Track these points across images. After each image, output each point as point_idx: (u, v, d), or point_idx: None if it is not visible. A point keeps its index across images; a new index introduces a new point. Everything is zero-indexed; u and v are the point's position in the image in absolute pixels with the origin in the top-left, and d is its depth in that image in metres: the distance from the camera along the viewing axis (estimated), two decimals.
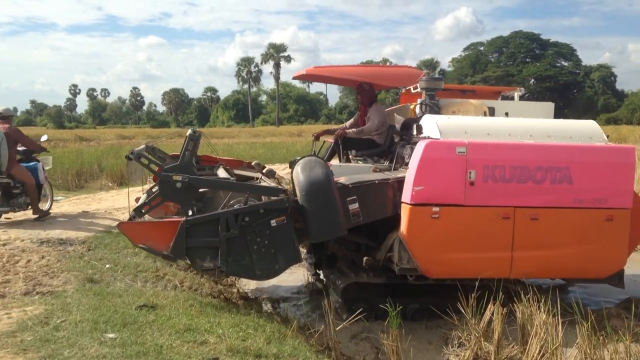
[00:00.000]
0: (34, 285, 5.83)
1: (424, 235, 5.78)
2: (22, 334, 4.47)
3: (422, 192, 5.70)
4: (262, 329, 4.99)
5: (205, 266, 5.80)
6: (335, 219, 5.85)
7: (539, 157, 5.87)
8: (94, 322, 4.69)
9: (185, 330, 4.67)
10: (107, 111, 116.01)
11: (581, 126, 6.42)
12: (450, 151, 5.74)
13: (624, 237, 6.05)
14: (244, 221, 5.74)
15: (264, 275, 5.99)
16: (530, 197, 5.85)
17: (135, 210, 6.11)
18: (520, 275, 6.11)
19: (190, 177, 5.90)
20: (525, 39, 71.00)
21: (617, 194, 5.99)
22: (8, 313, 5.00)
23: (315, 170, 5.96)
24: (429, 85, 6.96)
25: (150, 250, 5.85)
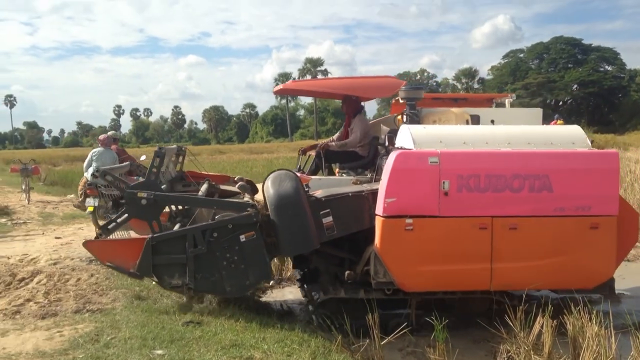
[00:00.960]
0: (84, 303, 5.99)
1: (398, 248, 5.62)
2: (74, 351, 4.60)
3: (394, 204, 5.55)
4: (307, 344, 4.99)
5: (174, 284, 5.75)
6: (306, 232, 5.76)
7: (516, 165, 5.65)
8: (143, 338, 4.79)
9: (231, 346, 4.72)
10: (149, 130, 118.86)
11: (564, 132, 6.19)
12: (422, 161, 5.57)
13: (610, 245, 5.75)
14: (212, 237, 5.70)
15: (234, 292, 5.89)
16: (508, 207, 5.61)
17: (102, 228, 6.09)
18: (501, 287, 5.86)
19: (156, 193, 5.88)
20: (566, 45, 69.54)
21: (601, 201, 5.70)
22: (60, 331, 5.16)
23: (284, 184, 5.89)
24: (409, 95, 6.78)
25: (117, 269, 5.84)
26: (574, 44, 69.69)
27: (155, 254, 5.66)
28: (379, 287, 5.82)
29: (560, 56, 69.20)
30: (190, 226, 5.87)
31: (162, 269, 5.72)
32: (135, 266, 5.66)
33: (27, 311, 5.84)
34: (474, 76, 74.90)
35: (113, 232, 6.06)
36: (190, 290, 5.78)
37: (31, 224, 12.24)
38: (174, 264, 5.70)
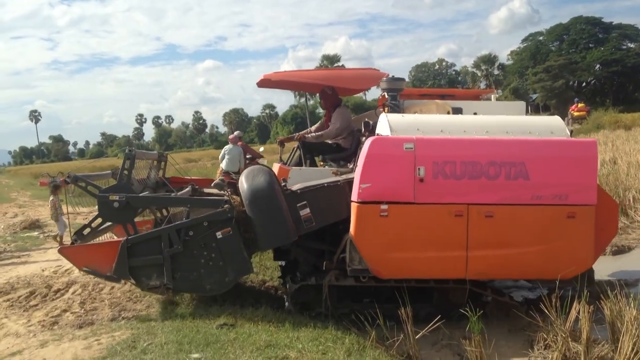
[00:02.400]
0: (119, 310, 6.08)
1: (372, 234, 5.60)
2: (112, 359, 4.67)
3: (369, 189, 5.53)
4: (341, 341, 5.00)
5: (152, 285, 5.78)
6: (282, 225, 5.77)
7: (492, 152, 5.58)
8: (179, 343, 4.84)
9: (265, 346, 4.75)
10: (172, 137, 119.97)
11: (542, 122, 6.14)
12: (397, 147, 5.55)
13: (588, 235, 5.63)
14: (188, 235, 5.73)
15: (214, 289, 5.91)
16: (484, 194, 5.55)
17: (76, 233, 6.13)
18: (477, 275, 5.79)
19: (128, 195, 5.89)
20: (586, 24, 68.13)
21: (579, 190, 5.59)
22: (98, 339, 5.24)
23: (258, 178, 5.91)
24: (390, 86, 6.74)
25: (94, 273, 5.87)
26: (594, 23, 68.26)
27: (131, 256, 5.72)
28: (354, 274, 5.83)
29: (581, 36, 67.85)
30: (165, 226, 5.89)
31: (139, 271, 5.77)
32: (111, 269, 5.72)
33: (64, 321, 5.95)
34: (494, 62, 73.76)
35: (88, 237, 6.13)
36: (169, 290, 5.85)
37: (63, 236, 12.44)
38: (151, 265, 5.75)
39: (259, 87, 7.41)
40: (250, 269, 6.05)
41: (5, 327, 5.98)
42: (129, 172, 6.10)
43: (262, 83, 7.31)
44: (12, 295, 7.02)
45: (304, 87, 8.21)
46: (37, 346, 5.27)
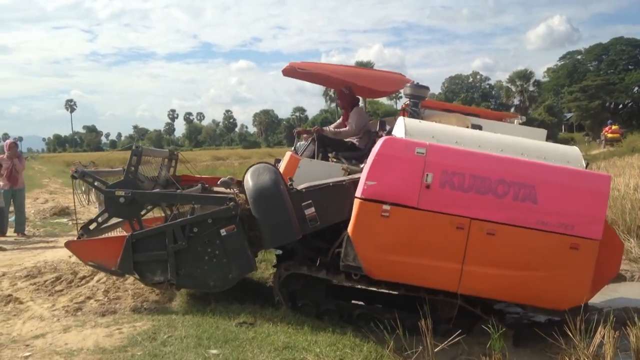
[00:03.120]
0: (142, 301, 6.16)
1: (371, 232, 5.53)
2: (133, 348, 4.73)
3: (374, 187, 5.47)
4: (359, 348, 4.99)
5: (156, 280, 5.83)
6: (287, 223, 5.78)
7: (503, 170, 5.48)
8: (198, 337, 4.88)
9: (283, 347, 4.76)
10: (202, 134, 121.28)
11: (560, 149, 6.00)
12: (409, 150, 5.48)
13: (588, 269, 5.46)
14: (193, 232, 5.77)
15: (217, 286, 5.94)
16: (489, 211, 5.44)
17: (82, 228, 6.20)
18: (468, 291, 5.65)
19: (134, 191, 5.95)
20: (626, 46, 66.89)
21: (586, 222, 5.43)
22: (119, 328, 5.31)
23: (263, 177, 5.93)
24: (413, 92, 6.69)
25: (99, 268, 5.94)
26: (635, 44, 66.99)
27: (136, 252, 5.79)
28: (347, 270, 5.78)
29: (620, 58, 66.65)
30: (170, 222, 5.95)
31: (143, 266, 5.84)
32: (116, 264, 5.79)
33: (88, 308, 6.06)
34: (529, 78, 72.61)
35: (94, 232, 6.21)
36: (173, 286, 5.90)
37: None
38: (155, 261, 5.81)
39: (284, 74, 7.40)
40: (254, 267, 6.08)
41: (30, 310, 6.11)
42: (135, 168, 6.18)
43: (287, 71, 7.30)
44: (38, 279, 7.15)
45: (327, 81, 8.08)
46: (60, 331, 5.37)
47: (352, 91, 7.45)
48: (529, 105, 69.07)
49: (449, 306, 5.94)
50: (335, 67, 7.40)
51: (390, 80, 7.33)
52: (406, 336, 5.18)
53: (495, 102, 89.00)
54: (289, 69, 7.24)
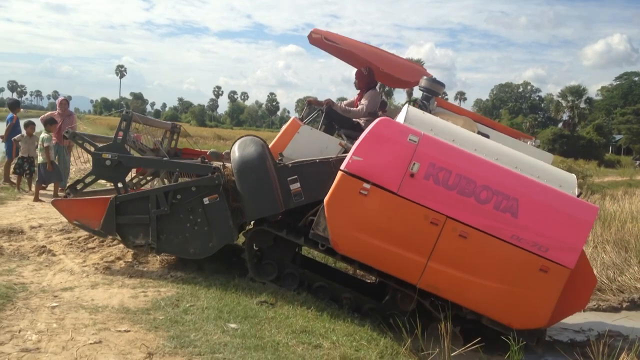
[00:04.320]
0: (169, 269, 6.28)
1: (345, 207, 5.55)
2: (155, 312, 4.84)
3: (359, 163, 5.46)
4: (376, 342, 4.99)
5: (137, 243, 5.99)
6: (269, 196, 5.85)
7: (489, 177, 5.40)
8: (219, 310, 4.96)
9: (301, 331, 4.79)
10: (244, 113, 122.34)
11: (556, 172, 5.90)
12: (402, 135, 5.47)
13: (553, 295, 5.34)
14: (176, 199, 5.87)
15: (197, 254, 6.08)
16: (466, 214, 5.37)
17: (70, 187, 6.35)
18: (428, 287, 5.61)
19: (120, 155, 6.06)
20: None
21: (562, 248, 5.32)
22: (144, 291, 5.44)
23: (248, 149, 6.02)
24: (427, 86, 6.67)
25: (83, 227, 6.08)
26: None
27: (119, 214, 5.95)
28: (314, 238, 5.81)
29: None
30: (154, 187, 6.04)
31: (126, 229, 6.01)
32: (99, 225, 5.96)
33: (116, 268, 6.21)
34: (582, 95, 70.71)
35: (80, 192, 6.36)
36: (153, 250, 6.05)
37: None
38: (137, 224, 5.97)
39: (310, 42, 7.27)
40: (235, 237, 6.19)
41: (62, 262, 6.30)
42: (124, 133, 6.29)
43: (313, 39, 7.22)
44: (72, 234, 7.35)
45: (348, 57, 7.89)
46: (88, 286, 5.53)
47: (372, 73, 7.34)
48: (578, 122, 67.31)
49: (409, 299, 5.97)
50: (362, 45, 7.21)
51: (411, 70, 7.23)
52: (424, 337, 5.16)
53: (544, 116, 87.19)
54: (316, 38, 7.13)
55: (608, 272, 8.92)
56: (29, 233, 7.29)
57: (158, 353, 3.99)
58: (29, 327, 4.27)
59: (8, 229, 7.27)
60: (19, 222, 7.74)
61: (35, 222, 7.80)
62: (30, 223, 7.75)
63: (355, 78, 7.49)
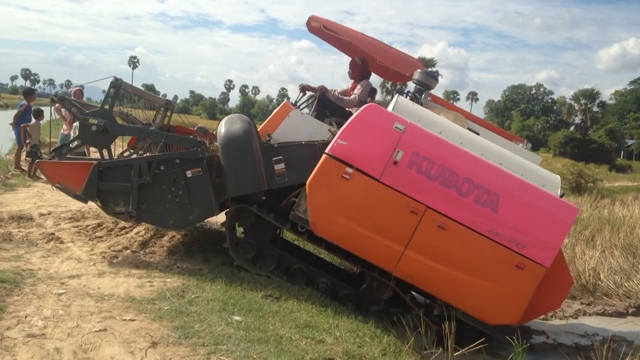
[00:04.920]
0: (175, 260, 6.31)
1: (327, 190, 5.61)
2: (161, 302, 4.86)
3: (344, 147, 5.52)
4: (379, 339, 4.99)
5: (117, 210, 6.04)
6: (252, 173, 5.91)
7: (472, 170, 5.45)
8: (224, 302, 4.98)
9: (304, 326, 4.80)
10: (255, 107, 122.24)
11: (540, 172, 5.91)
12: (388, 122, 5.53)
13: (526, 292, 5.39)
14: (159, 169, 5.94)
15: (177, 226, 6.21)
16: (447, 205, 5.43)
17: (55, 150, 6.41)
18: (403, 275, 5.67)
19: (106, 121, 6.11)
20: None
21: (539, 246, 5.35)
22: (150, 281, 5.47)
23: (235, 125, 6.08)
24: (420, 78, 6.66)
25: (65, 191, 6.12)
26: None
27: (102, 180, 5.99)
28: (294, 219, 5.88)
29: None
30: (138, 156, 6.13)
31: (107, 195, 6.05)
32: (81, 189, 5.98)
33: (123, 258, 6.25)
34: (595, 98, 70.15)
35: (65, 156, 6.41)
36: (132, 218, 6.10)
37: None
38: (119, 192, 6.02)
39: (309, 30, 7.21)
40: (215, 212, 6.24)
41: (69, 250, 6.35)
42: (112, 101, 6.34)
43: (312, 28, 7.18)
44: (81, 223, 7.42)
45: (345, 47, 7.80)
46: (95, 274, 5.57)
47: (366, 64, 7.32)
48: (590, 125, 66.86)
49: (384, 287, 6.03)
50: (359, 35, 7.15)
51: (407, 63, 7.18)
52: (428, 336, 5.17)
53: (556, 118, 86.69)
54: (315, 26, 7.09)
55: (615, 277, 8.88)
56: (38, 220, 7.36)
57: (162, 342, 4.02)
58: (35, 313, 4.31)
59: (18, 215, 7.34)
60: (29, 209, 7.81)
61: (45, 210, 7.87)
62: (39, 210, 7.82)
63: (349, 67, 7.48)
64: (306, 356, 4.14)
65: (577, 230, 11.50)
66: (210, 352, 3.94)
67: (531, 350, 5.62)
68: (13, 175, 10.77)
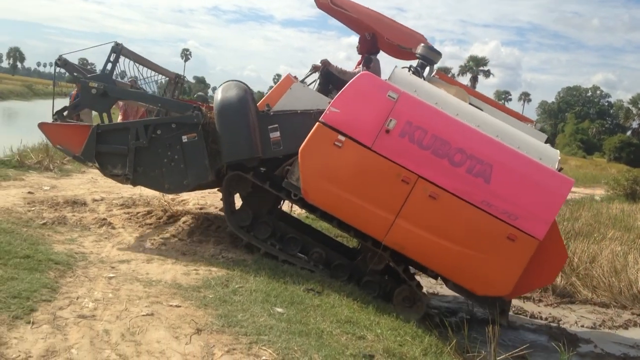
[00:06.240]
0: (220, 250, 6.42)
1: (319, 157, 5.61)
2: (206, 290, 4.96)
3: (337, 115, 5.51)
4: (420, 339, 4.96)
5: (114, 172, 6.21)
6: (245, 140, 5.94)
7: (465, 140, 5.37)
8: (266, 294, 5.04)
9: (346, 321, 4.81)
10: None
11: (538, 145, 5.75)
12: (381, 91, 5.51)
13: (518, 265, 5.28)
14: (156, 133, 6.05)
15: (172, 189, 6.36)
16: (438, 175, 5.37)
17: (57, 113, 6.53)
18: (394, 244, 5.64)
19: (106, 85, 6.22)
20: None
21: (532, 218, 5.24)
22: (196, 270, 5.59)
23: (230, 92, 6.14)
24: (423, 53, 6.53)
25: (65, 151, 6.35)
26: None
27: (100, 142, 6.16)
28: (288, 187, 5.95)
29: None
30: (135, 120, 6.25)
31: (105, 157, 6.24)
32: (80, 150, 6.18)
33: (171, 245, 6.39)
34: None
35: (67, 118, 6.58)
36: (129, 180, 6.25)
37: None
38: (116, 154, 6.19)
39: (317, 6, 7.14)
40: (209, 177, 6.31)
41: (120, 236, 6.55)
42: (113, 66, 6.47)
43: (320, 4, 7.10)
44: (132, 209, 7.63)
45: (353, 23, 7.63)
46: (144, 260, 5.73)
47: (375, 40, 7.19)
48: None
49: (379, 258, 6.04)
50: (366, 10, 7.01)
51: (411, 38, 7.00)
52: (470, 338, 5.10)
53: (612, 122, 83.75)
54: (323, 2, 6.99)
55: None
56: (91, 205, 7.60)
57: (206, 330, 4.10)
58: (86, 295, 4.47)
59: (72, 200, 7.60)
60: (83, 195, 8.08)
61: (98, 196, 8.13)
62: (92, 196, 8.08)
63: (358, 42, 7.40)
64: (346, 351, 4.15)
65: (630, 238, 11.13)
66: (252, 341, 4.00)
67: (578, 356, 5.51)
68: (69, 161, 11.15)
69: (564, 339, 5.11)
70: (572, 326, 7.25)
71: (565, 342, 4.85)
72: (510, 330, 6.70)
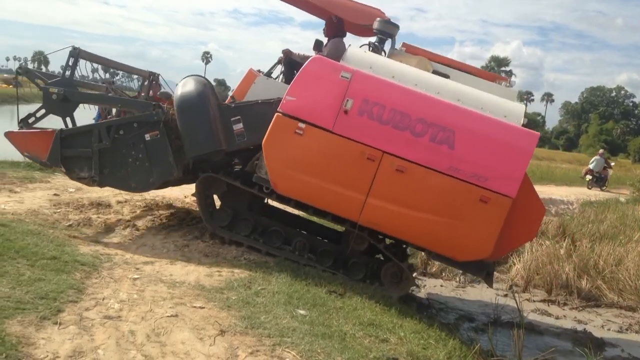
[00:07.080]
0: (242, 252, 6.44)
1: (282, 148, 5.59)
2: (229, 292, 4.99)
3: (293, 103, 5.48)
4: (444, 342, 4.93)
5: (81, 175, 6.24)
6: (207, 134, 5.93)
7: (424, 110, 5.34)
8: (289, 296, 5.05)
9: (368, 324, 4.80)
10: None
11: (502, 103, 5.63)
12: (334, 73, 5.47)
13: (495, 225, 5.24)
14: (118, 134, 6.07)
15: (139, 188, 6.38)
16: (403, 148, 5.33)
17: (22, 120, 6.55)
18: (369, 223, 5.62)
19: (66, 90, 6.24)
20: None
21: (501, 178, 5.22)
22: (219, 271, 5.62)
23: (189, 87, 6.14)
24: (380, 27, 6.46)
25: (33, 159, 6.38)
26: None
27: (65, 147, 6.21)
28: (258, 181, 5.96)
29: None
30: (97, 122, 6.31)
31: (71, 161, 6.29)
32: (46, 156, 6.22)
33: (194, 247, 6.43)
34: None
35: (32, 125, 6.59)
36: (95, 182, 6.29)
37: None
38: (81, 157, 6.24)
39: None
40: (174, 173, 6.33)
41: (144, 237, 6.61)
42: (72, 69, 6.51)
43: None
44: (155, 212, 7.70)
45: (312, 8, 7.55)
46: (168, 262, 5.78)
47: (341, 23, 7.09)
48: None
49: (361, 239, 6.07)
50: None
51: (363, 13, 6.94)
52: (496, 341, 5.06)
53: (636, 123, 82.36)
54: None
55: None
56: (116, 207, 7.69)
57: (230, 331, 4.12)
58: (112, 296, 4.52)
59: (97, 202, 7.69)
60: (107, 197, 8.17)
61: (122, 198, 8.21)
62: (117, 198, 8.17)
63: (324, 26, 7.33)
64: (370, 354, 4.14)
65: None
66: (275, 343, 4.01)
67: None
68: None
69: (589, 343, 5.02)
70: (598, 330, 7.15)
71: (591, 346, 4.77)
72: (534, 334, 6.64)
